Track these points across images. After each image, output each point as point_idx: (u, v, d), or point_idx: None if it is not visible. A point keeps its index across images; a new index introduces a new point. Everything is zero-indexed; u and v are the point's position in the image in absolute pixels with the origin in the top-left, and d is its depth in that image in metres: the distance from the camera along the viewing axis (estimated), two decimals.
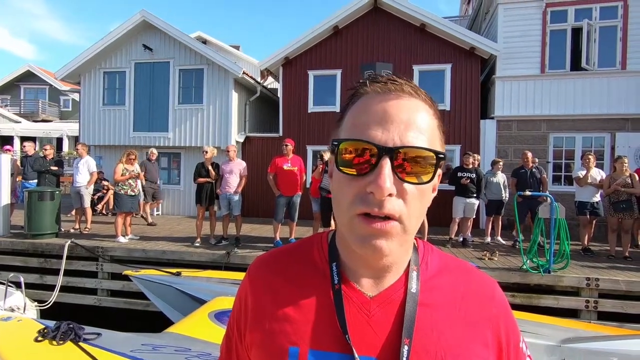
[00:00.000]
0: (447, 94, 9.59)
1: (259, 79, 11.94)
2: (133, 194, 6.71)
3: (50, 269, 6.05)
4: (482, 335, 0.58)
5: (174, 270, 4.67)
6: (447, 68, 9.63)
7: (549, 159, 9.16)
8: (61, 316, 3.40)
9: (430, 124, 0.54)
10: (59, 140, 19.56)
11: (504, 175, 7.10)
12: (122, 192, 6.59)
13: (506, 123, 9.40)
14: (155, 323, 4.31)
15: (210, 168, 6.55)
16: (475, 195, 6.77)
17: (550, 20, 9.11)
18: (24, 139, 16.29)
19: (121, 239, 6.47)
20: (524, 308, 4.52)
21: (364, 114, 0.53)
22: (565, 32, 9.04)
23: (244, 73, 10.15)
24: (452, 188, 6.85)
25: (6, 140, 18.85)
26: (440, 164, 0.53)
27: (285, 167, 6.30)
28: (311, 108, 10.26)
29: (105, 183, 10.06)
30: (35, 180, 7.76)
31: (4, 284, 4.37)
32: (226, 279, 4.46)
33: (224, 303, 3.35)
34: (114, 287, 5.95)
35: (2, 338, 2.58)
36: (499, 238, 7.29)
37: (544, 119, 9.17)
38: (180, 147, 10.70)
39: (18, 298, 4.34)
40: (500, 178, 7.04)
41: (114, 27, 10.82)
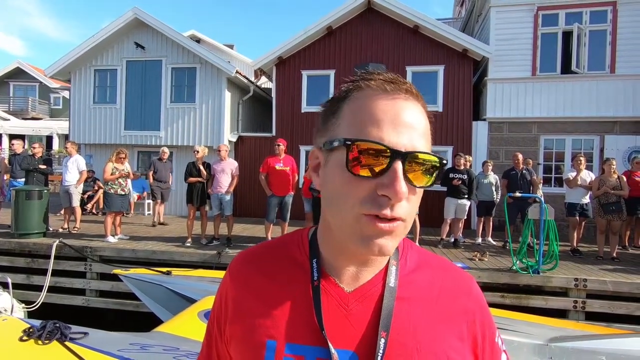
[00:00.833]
0: (440, 96, 9.65)
1: (252, 79, 11.89)
2: (123, 193, 6.65)
3: (38, 269, 5.96)
4: (458, 329, 0.59)
5: (164, 269, 4.61)
6: (440, 69, 9.69)
7: (540, 161, 9.26)
8: (49, 318, 3.34)
9: (427, 127, 0.55)
10: (49, 139, 19.34)
11: (496, 177, 7.15)
12: (112, 192, 6.53)
13: (498, 125, 9.49)
14: (146, 324, 4.26)
15: (201, 167, 6.52)
16: (466, 196, 6.82)
17: (541, 23, 9.22)
18: (12, 137, 16.01)
19: (110, 239, 6.40)
20: (513, 308, 4.55)
21: (372, 112, 0.52)
22: (556, 36, 9.16)
23: (237, 72, 10.11)
24: (444, 189, 6.89)
25: None
26: (442, 169, 0.54)
27: (277, 167, 6.28)
28: (304, 108, 10.25)
29: (98, 182, 9.94)
30: (23, 179, 7.65)
31: None
32: (217, 278, 4.41)
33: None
34: (103, 288, 5.88)
35: None
36: (490, 239, 7.35)
37: (534, 121, 9.28)
38: (172, 147, 10.60)
39: (5, 299, 4.26)
40: (492, 179, 7.09)
41: (106, 25, 10.67)
